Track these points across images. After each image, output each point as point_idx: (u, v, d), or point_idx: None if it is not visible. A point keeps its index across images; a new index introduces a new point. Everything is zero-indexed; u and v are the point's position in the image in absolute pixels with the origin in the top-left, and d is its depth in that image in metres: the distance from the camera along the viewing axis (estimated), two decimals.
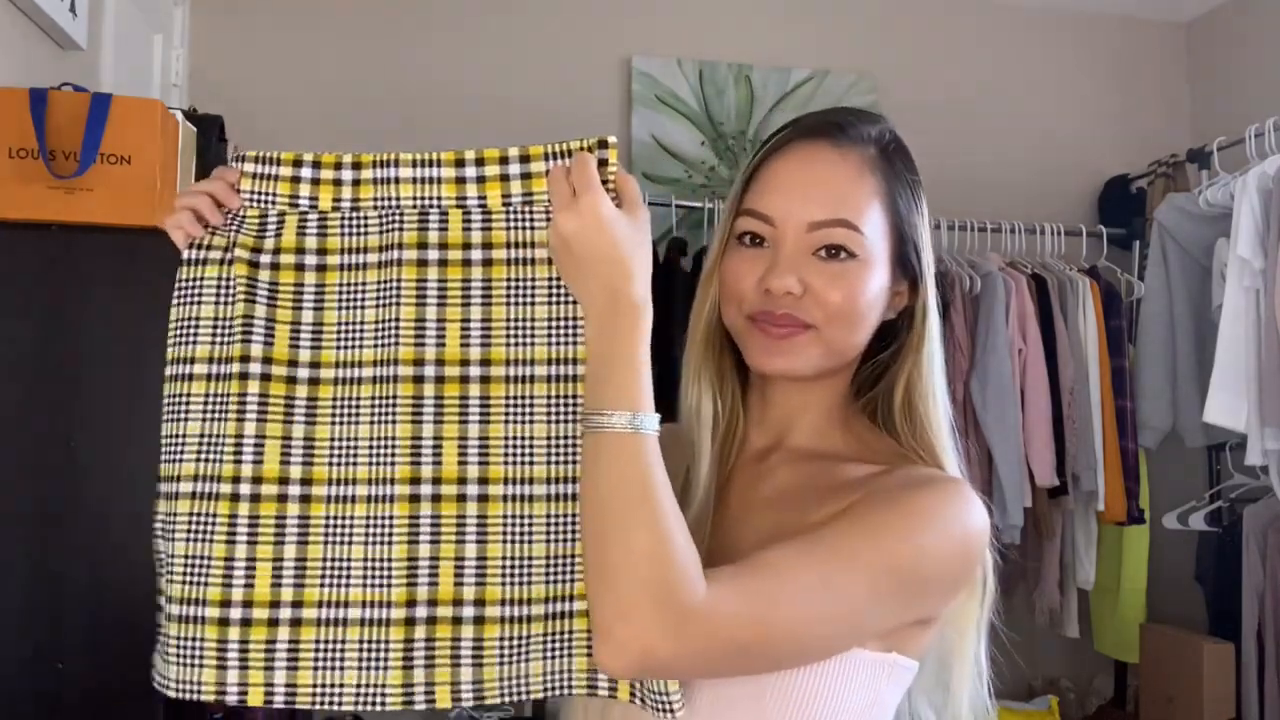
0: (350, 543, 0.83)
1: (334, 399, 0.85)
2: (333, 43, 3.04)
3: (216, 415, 0.84)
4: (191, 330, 0.86)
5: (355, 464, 0.83)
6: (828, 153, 0.87)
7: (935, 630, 0.85)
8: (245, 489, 0.82)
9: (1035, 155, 3.43)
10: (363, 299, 0.85)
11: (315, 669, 0.81)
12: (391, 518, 0.82)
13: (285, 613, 0.82)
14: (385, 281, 0.85)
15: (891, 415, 0.90)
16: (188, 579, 0.81)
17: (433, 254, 0.85)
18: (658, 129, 3.18)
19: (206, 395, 0.85)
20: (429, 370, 0.83)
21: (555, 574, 0.83)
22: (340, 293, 0.86)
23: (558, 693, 0.82)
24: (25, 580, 1.49)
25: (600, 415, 0.75)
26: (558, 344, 0.84)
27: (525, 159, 0.84)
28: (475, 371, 0.84)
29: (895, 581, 0.78)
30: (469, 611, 0.81)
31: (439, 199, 0.85)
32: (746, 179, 0.90)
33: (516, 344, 0.84)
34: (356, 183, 0.86)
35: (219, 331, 0.86)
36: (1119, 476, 2.81)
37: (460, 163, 0.85)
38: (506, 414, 0.83)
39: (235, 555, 0.82)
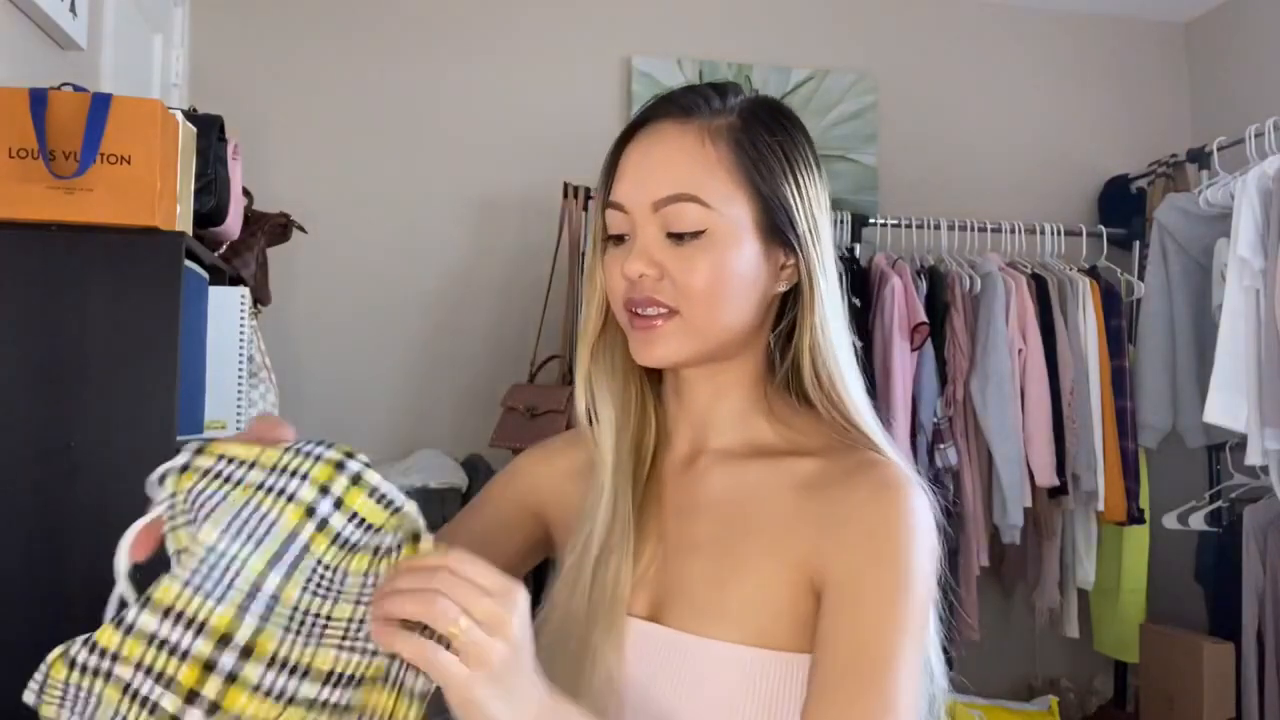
0: None
1: None
2: (332, 42, 3.04)
3: None
4: None
5: None
6: (670, 129, 0.83)
7: None
8: None
9: (1035, 155, 3.43)
10: None
11: None
12: None
13: None
14: None
15: (804, 388, 0.86)
16: None
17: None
18: None
19: None
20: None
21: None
22: None
23: None
24: (25, 580, 1.49)
25: None
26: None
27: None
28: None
29: (924, 614, 0.77)
30: None
31: None
32: (607, 171, 0.87)
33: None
34: None
35: None
36: (1119, 476, 2.81)
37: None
38: None
39: None
